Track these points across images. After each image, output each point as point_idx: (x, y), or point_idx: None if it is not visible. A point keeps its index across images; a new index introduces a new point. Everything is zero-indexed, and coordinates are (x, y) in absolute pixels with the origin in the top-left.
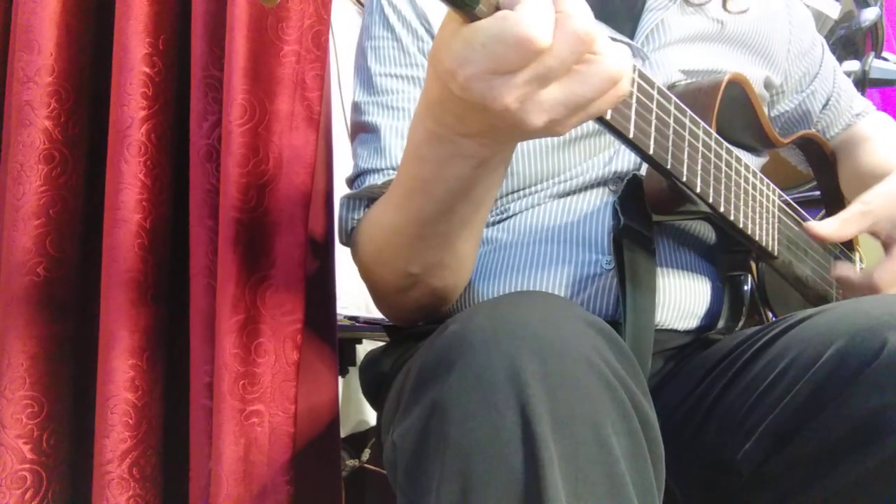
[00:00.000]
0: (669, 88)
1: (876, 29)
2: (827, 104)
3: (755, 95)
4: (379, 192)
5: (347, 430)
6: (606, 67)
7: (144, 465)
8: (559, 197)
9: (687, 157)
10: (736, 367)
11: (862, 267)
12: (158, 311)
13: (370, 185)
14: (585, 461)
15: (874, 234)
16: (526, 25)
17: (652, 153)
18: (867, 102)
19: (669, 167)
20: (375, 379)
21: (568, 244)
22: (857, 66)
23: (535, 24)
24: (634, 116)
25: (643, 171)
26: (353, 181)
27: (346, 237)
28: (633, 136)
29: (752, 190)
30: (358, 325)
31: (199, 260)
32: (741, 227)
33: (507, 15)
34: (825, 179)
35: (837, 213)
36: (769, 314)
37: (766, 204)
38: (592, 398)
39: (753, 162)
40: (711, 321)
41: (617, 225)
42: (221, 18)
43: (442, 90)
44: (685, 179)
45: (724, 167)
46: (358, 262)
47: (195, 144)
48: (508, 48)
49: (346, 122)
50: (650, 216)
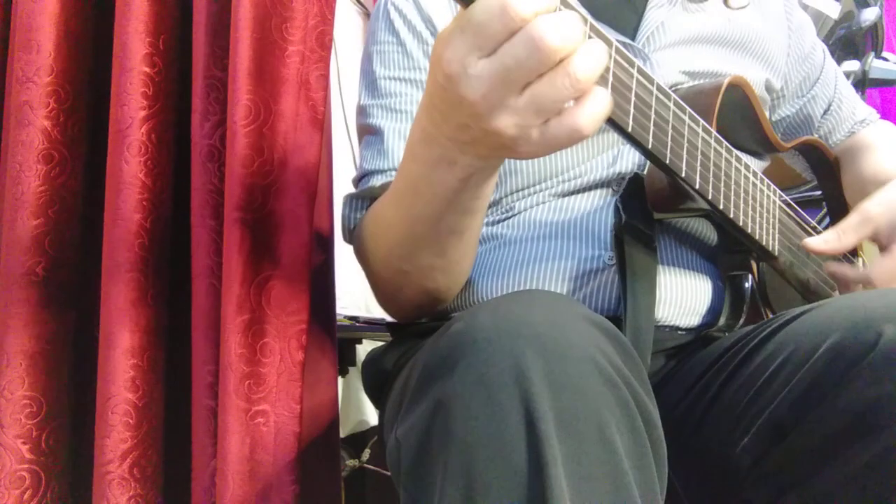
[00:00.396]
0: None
1: (876, 29)
2: (828, 110)
3: (756, 98)
4: (379, 192)
5: (347, 430)
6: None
7: (145, 465)
8: (562, 196)
9: (686, 153)
10: (734, 362)
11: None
12: (159, 311)
13: (372, 185)
14: (589, 460)
15: (875, 241)
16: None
17: (651, 147)
18: (871, 110)
19: (668, 162)
20: (377, 377)
21: (570, 240)
22: (857, 66)
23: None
24: (633, 110)
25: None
26: (357, 182)
27: (348, 235)
28: (631, 129)
29: (752, 189)
30: (358, 325)
31: (201, 260)
32: (741, 224)
33: None
34: (829, 186)
35: (841, 220)
36: (769, 314)
37: (766, 203)
38: (596, 397)
39: (755, 165)
40: (712, 319)
41: (618, 222)
42: (223, 19)
43: (432, 84)
44: (684, 175)
45: (723, 165)
46: (359, 258)
47: (197, 144)
48: (493, 17)
49: (345, 121)
50: (651, 214)
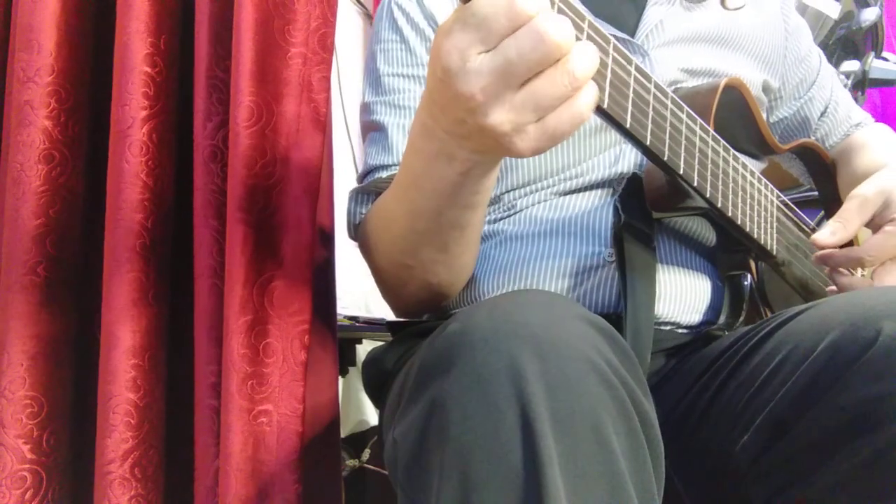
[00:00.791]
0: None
1: (876, 29)
2: (825, 112)
3: (753, 100)
4: (384, 185)
5: (347, 430)
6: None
7: (146, 465)
8: (564, 194)
9: (684, 150)
10: (734, 361)
11: (863, 275)
12: (160, 310)
13: (377, 179)
14: (585, 459)
15: (869, 224)
16: None
17: (649, 144)
18: (866, 114)
19: (666, 159)
20: (378, 376)
21: (571, 237)
22: (857, 66)
23: None
24: (631, 107)
25: None
26: (362, 178)
27: (353, 231)
28: (629, 125)
29: (749, 188)
30: (358, 325)
31: (203, 260)
32: (739, 223)
33: None
34: (826, 190)
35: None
36: (768, 313)
37: (764, 203)
38: (592, 397)
39: (752, 166)
40: (712, 317)
41: (617, 222)
42: (225, 20)
43: (432, 77)
44: (682, 173)
45: (721, 163)
46: (363, 253)
47: (199, 145)
48: (498, 11)
49: (345, 121)
50: (650, 213)
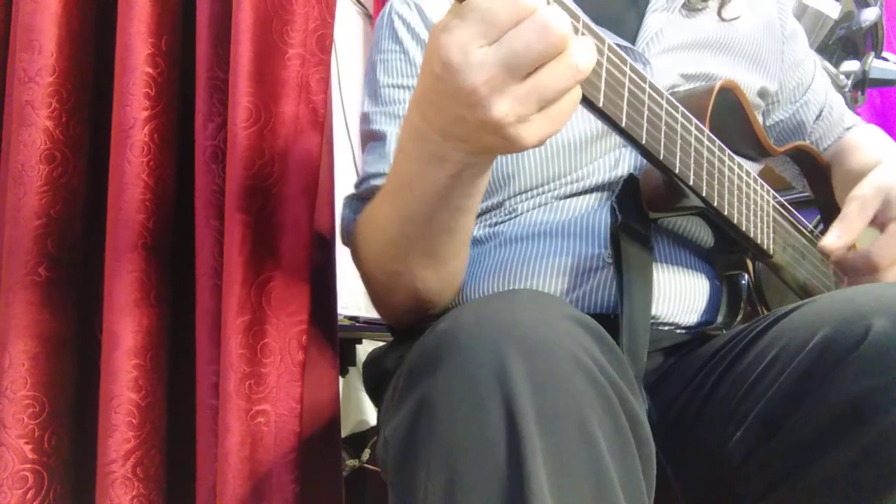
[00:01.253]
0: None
1: (876, 29)
2: (820, 115)
3: (748, 102)
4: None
5: (347, 430)
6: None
7: (148, 464)
8: (564, 198)
9: (680, 150)
10: (729, 358)
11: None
12: (162, 311)
13: (372, 186)
14: (570, 456)
15: (872, 223)
16: None
17: (644, 143)
18: (857, 117)
19: (662, 159)
20: (378, 377)
21: (569, 238)
22: (857, 66)
23: None
24: (626, 106)
25: None
26: (359, 185)
27: (346, 236)
28: (624, 124)
29: (745, 188)
30: (358, 325)
31: (204, 260)
32: (735, 222)
33: None
34: (822, 192)
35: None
36: (765, 312)
37: (760, 203)
38: (578, 395)
39: (748, 167)
40: (710, 317)
41: (614, 223)
42: (225, 21)
43: (426, 76)
44: (678, 171)
45: (716, 163)
46: (354, 259)
47: (200, 146)
48: (502, 4)
49: (345, 122)
50: (647, 213)
